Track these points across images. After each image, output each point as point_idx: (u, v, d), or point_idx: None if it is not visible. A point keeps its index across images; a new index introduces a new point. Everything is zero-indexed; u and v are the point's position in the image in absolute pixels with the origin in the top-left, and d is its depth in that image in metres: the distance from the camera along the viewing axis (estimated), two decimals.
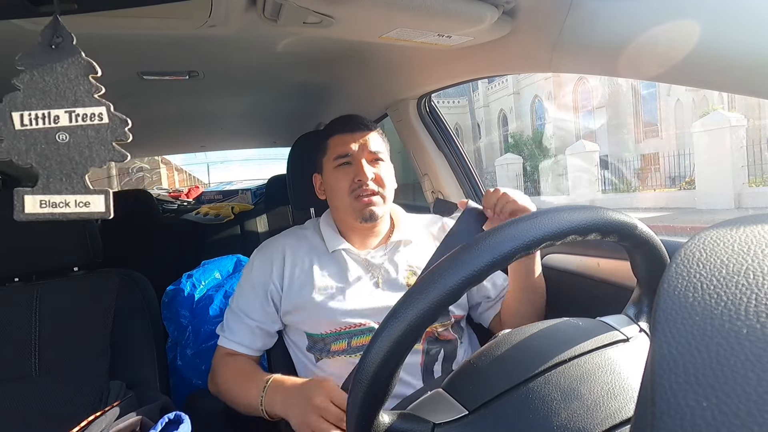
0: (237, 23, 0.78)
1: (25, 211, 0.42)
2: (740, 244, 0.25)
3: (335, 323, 0.86)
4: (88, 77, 0.42)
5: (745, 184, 9.31)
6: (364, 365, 0.35)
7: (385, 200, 0.90)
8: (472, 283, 0.36)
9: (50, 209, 0.42)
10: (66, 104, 0.42)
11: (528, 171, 17.09)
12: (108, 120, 0.42)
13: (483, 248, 0.36)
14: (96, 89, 0.42)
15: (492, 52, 0.89)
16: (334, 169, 0.90)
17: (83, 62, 0.42)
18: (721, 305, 0.21)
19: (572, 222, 0.38)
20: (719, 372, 0.18)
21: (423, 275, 0.38)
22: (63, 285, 1.00)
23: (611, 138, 16.90)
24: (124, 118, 0.43)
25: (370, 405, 0.36)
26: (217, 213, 2.42)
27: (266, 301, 0.90)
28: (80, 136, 0.42)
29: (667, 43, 0.58)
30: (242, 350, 0.90)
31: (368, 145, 0.90)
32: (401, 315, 0.35)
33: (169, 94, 1.38)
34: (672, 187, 11.74)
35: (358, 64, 1.18)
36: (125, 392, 0.87)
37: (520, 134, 19.35)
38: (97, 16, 0.63)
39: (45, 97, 0.41)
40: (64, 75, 0.42)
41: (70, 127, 0.42)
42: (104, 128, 0.42)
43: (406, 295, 0.36)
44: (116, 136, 0.43)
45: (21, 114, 0.41)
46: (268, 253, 0.93)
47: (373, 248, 0.94)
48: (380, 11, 0.70)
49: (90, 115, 0.42)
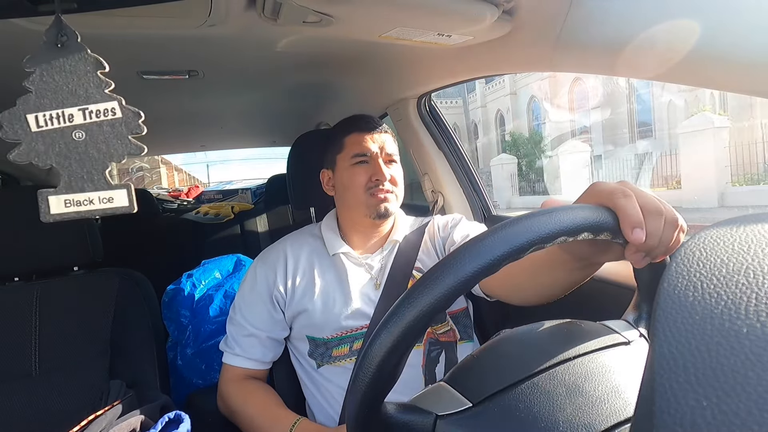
0: (237, 22, 0.78)
1: (51, 212, 0.42)
2: (740, 243, 0.25)
3: (337, 327, 0.86)
4: (96, 73, 0.42)
5: (728, 184, 9.81)
6: (371, 349, 0.34)
7: (397, 199, 0.92)
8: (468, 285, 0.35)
9: (75, 208, 0.43)
10: (78, 102, 0.42)
11: (523, 171, 17.42)
12: (121, 114, 0.43)
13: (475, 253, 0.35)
14: (106, 84, 0.42)
15: (492, 52, 0.89)
16: (351, 166, 0.90)
17: (90, 59, 0.42)
18: (721, 304, 0.21)
19: (562, 224, 0.37)
20: (719, 371, 0.18)
21: (447, 257, 0.36)
22: (63, 284, 1.00)
23: (606, 138, 17.15)
24: (137, 111, 0.43)
25: (373, 392, 0.35)
26: (217, 212, 2.42)
27: (274, 308, 0.89)
28: (96, 132, 0.42)
29: (668, 42, 0.58)
30: (253, 365, 0.88)
31: (385, 147, 0.91)
32: (413, 300, 0.34)
33: (169, 94, 1.38)
34: (663, 186, 12.03)
35: (357, 64, 1.18)
36: (125, 392, 0.87)
37: (519, 134, 19.53)
38: (96, 15, 0.63)
39: (57, 96, 0.42)
40: (72, 73, 0.42)
41: (85, 124, 0.42)
42: (118, 122, 0.43)
43: (421, 279, 0.35)
44: (131, 129, 0.43)
45: (35, 116, 0.41)
46: (270, 260, 0.93)
47: (372, 249, 0.95)
48: (380, 10, 0.70)
49: (103, 111, 0.43)
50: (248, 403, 0.84)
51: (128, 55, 0.99)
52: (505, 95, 21.35)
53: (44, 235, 0.98)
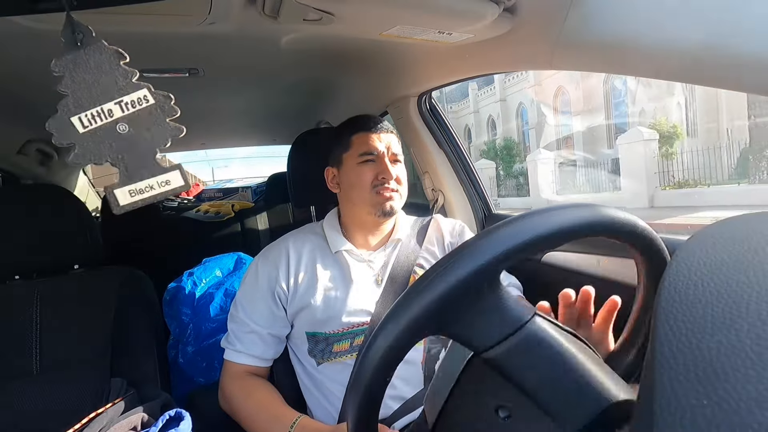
0: (237, 20, 0.78)
1: (121, 204, 0.45)
2: (740, 242, 0.25)
3: (339, 323, 0.86)
4: (120, 64, 0.43)
5: (657, 188, 11.75)
6: (375, 345, 0.34)
7: (401, 198, 0.93)
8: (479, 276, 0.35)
9: (140, 196, 0.45)
10: (113, 96, 0.43)
11: (500, 175, 19.44)
12: (153, 100, 0.44)
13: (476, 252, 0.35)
14: (132, 74, 0.44)
15: (493, 50, 0.89)
16: (358, 164, 0.91)
17: (111, 51, 0.43)
18: (721, 303, 0.21)
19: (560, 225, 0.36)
20: (720, 370, 0.18)
21: (454, 251, 0.36)
22: (64, 283, 1.00)
23: (585, 143, 18.24)
24: (167, 94, 0.45)
25: (376, 387, 0.35)
26: (217, 211, 2.42)
27: (275, 305, 0.89)
28: (137, 122, 0.44)
29: (668, 41, 0.58)
30: (254, 362, 0.89)
31: (391, 147, 0.93)
32: (426, 287, 0.34)
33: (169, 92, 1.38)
34: (607, 190, 13.83)
35: (358, 62, 1.18)
36: (126, 389, 0.87)
37: (492, 143, 21.40)
38: (96, 13, 0.63)
39: (92, 94, 0.43)
40: (99, 69, 0.43)
41: (126, 116, 0.44)
42: (154, 108, 0.45)
43: (437, 264, 0.35)
44: (167, 112, 0.45)
45: (78, 117, 0.43)
46: (272, 257, 0.93)
47: (375, 247, 0.95)
48: (381, 8, 0.70)
49: (137, 100, 0.44)
50: (249, 401, 0.84)
51: (128, 53, 0.98)
52: (495, 102, 22.32)
53: (45, 233, 0.98)
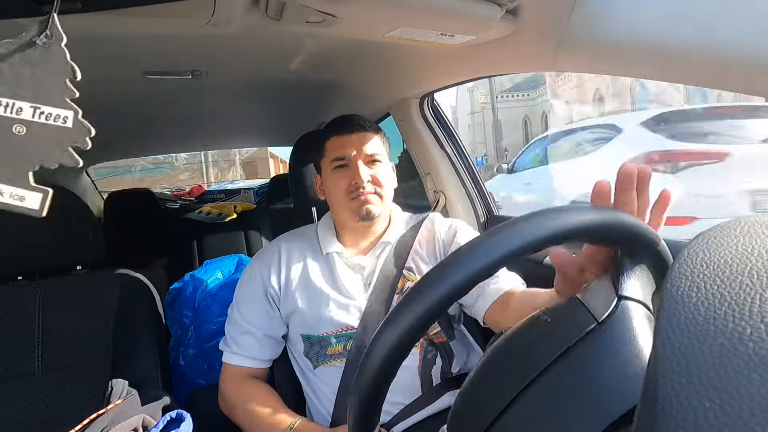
0: (240, 22, 0.78)
1: None
2: (744, 244, 0.25)
3: (329, 325, 0.86)
4: (65, 80, 0.41)
5: None
6: (374, 349, 0.34)
7: (383, 199, 0.90)
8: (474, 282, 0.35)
9: None
10: (36, 100, 0.41)
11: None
12: (72, 125, 0.42)
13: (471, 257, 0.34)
14: (70, 93, 0.41)
15: (495, 52, 0.89)
16: (332, 171, 0.90)
17: (66, 64, 0.41)
18: (724, 305, 0.21)
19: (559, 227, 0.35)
20: (722, 372, 0.18)
21: (450, 255, 0.35)
22: (66, 283, 1.01)
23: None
24: (89, 128, 0.41)
25: (375, 391, 0.35)
26: (219, 212, 2.42)
27: (269, 305, 0.90)
28: (38, 132, 0.41)
29: (671, 42, 0.58)
30: (252, 363, 0.89)
31: (365, 147, 0.89)
32: (426, 291, 0.33)
33: (173, 94, 1.38)
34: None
35: (360, 63, 1.18)
36: (127, 391, 0.87)
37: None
38: (100, 15, 0.63)
39: (16, 87, 0.40)
40: (43, 71, 0.41)
41: (31, 122, 0.41)
42: (64, 131, 0.42)
43: (437, 266, 0.34)
44: (74, 141, 0.42)
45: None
46: (266, 258, 0.93)
47: (365, 250, 0.94)
48: (383, 10, 0.70)
49: (54, 116, 0.41)
50: (248, 403, 0.84)
51: (132, 54, 0.99)
52: (572, 87, 23.91)
53: (47, 234, 0.99)
